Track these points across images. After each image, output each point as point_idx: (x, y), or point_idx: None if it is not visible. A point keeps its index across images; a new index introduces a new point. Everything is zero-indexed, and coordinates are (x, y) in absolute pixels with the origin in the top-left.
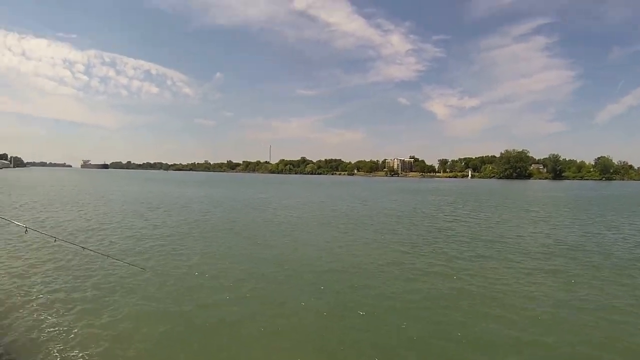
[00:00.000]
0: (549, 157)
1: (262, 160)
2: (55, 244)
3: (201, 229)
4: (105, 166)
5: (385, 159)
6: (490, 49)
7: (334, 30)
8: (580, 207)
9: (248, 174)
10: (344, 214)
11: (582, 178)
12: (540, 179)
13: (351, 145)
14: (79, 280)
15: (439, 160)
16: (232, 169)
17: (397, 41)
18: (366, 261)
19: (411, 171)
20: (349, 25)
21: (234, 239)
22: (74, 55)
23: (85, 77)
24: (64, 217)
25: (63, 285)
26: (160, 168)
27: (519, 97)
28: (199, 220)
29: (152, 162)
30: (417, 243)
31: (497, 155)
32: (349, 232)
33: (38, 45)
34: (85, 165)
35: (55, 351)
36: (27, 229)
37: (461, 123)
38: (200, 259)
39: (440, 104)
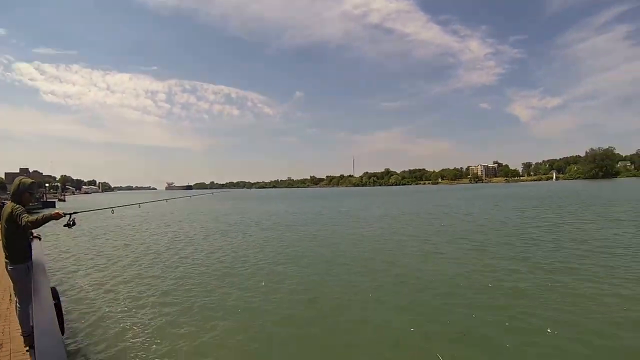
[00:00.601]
0: (637, 152)
1: (345, 175)
2: None
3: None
4: (189, 187)
5: (469, 166)
6: (570, 44)
7: (411, 40)
8: None
9: (331, 188)
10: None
11: None
12: (628, 176)
13: (435, 155)
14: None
15: (522, 164)
16: (316, 184)
17: (475, 46)
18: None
19: (495, 176)
20: (426, 34)
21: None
22: (156, 85)
23: (167, 105)
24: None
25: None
26: (243, 187)
27: (604, 92)
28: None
29: (235, 181)
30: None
31: (583, 155)
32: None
33: (121, 79)
34: (170, 187)
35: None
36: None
37: (545, 124)
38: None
39: (522, 106)
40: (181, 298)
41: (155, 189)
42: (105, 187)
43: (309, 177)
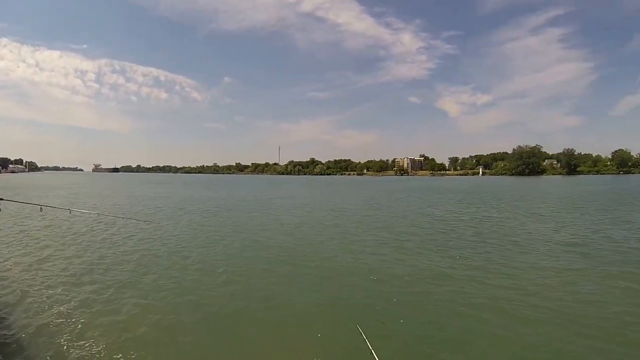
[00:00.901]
0: (563, 151)
1: (271, 162)
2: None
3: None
4: (115, 170)
5: (395, 159)
6: (503, 42)
7: (343, 30)
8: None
9: (255, 175)
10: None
11: (598, 172)
12: (553, 174)
13: (363, 146)
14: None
15: (449, 159)
16: (241, 171)
17: (407, 39)
18: (358, 260)
19: (421, 170)
20: (358, 25)
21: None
22: (86, 64)
23: (96, 85)
24: None
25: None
26: (169, 171)
27: (533, 91)
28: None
29: (161, 165)
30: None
31: (510, 152)
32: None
33: (51, 57)
34: (97, 169)
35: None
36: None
37: (474, 120)
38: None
39: (451, 102)
40: (95, 279)
41: (82, 170)
42: (32, 167)
43: (234, 164)
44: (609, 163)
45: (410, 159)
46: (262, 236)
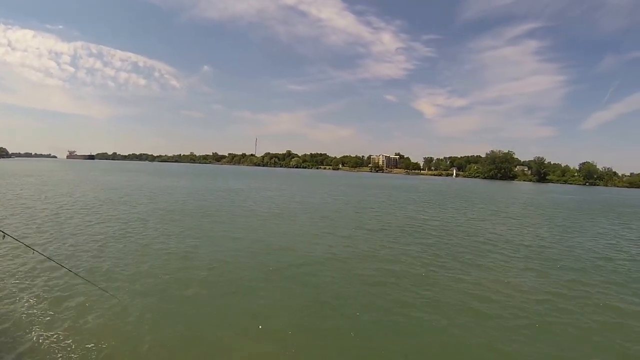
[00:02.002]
0: (534, 159)
1: (248, 153)
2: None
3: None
4: (91, 157)
5: (371, 155)
6: (481, 50)
7: (324, 26)
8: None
9: (232, 166)
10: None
11: (565, 182)
12: (524, 180)
13: (339, 141)
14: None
15: (424, 158)
16: (218, 161)
17: (387, 39)
18: (325, 252)
19: (396, 167)
20: (340, 21)
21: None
22: (61, 46)
23: (71, 69)
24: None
25: None
26: (146, 159)
27: (508, 99)
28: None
29: (137, 153)
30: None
31: (483, 155)
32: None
33: (24, 36)
34: (71, 156)
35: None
36: None
37: (449, 122)
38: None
39: (428, 103)
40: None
41: (55, 157)
42: (2, 153)
43: (211, 154)
44: (576, 174)
45: (385, 156)
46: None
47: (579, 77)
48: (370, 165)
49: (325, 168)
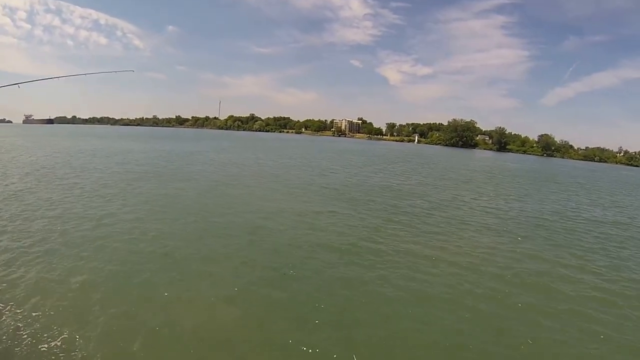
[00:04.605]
0: (495, 129)
1: (211, 116)
2: None
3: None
4: (50, 121)
5: (334, 119)
6: (449, 21)
7: None
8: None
9: (195, 129)
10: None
11: (525, 152)
12: (485, 149)
13: (304, 105)
14: None
15: (386, 124)
16: (181, 125)
17: (356, 5)
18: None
19: (358, 132)
20: None
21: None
22: (16, 1)
23: (27, 25)
24: None
25: None
26: (107, 123)
27: (473, 70)
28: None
29: (98, 117)
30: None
31: (445, 123)
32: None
33: None
34: (28, 120)
35: None
36: None
37: (413, 90)
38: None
39: (393, 70)
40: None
41: (10, 122)
42: None
43: (174, 117)
44: (535, 145)
45: (348, 121)
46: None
47: (542, 54)
48: (333, 129)
49: (288, 132)
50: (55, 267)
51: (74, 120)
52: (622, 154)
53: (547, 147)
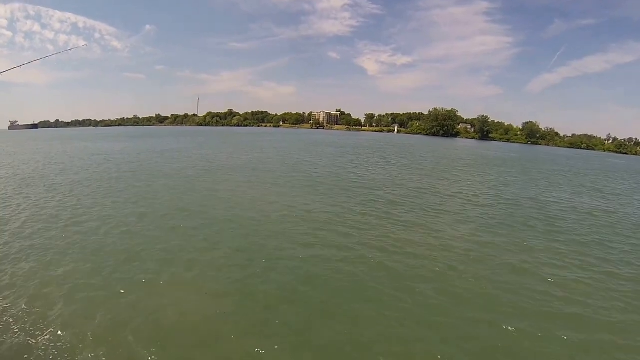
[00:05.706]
0: (478, 117)
1: (190, 114)
2: None
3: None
4: (34, 126)
5: (312, 112)
6: (429, 8)
7: None
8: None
9: (175, 127)
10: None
11: (508, 140)
12: (467, 138)
13: (282, 99)
14: None
15: (365, 115)
16: (161, 123)
17: None
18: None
19: (337, 124)
20: None
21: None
22: None
23: (9, 33)
24: None
25: None
26: (89, 125)
27: (455, 58)
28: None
29: (80, 119)
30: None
31: (426, 113)
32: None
33: None
34: (13, 126)
35: None
36: None
37: (392, 80)
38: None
39: (371, 60)
40: None
41: None
42: None
43: (154, 115)
44: (519, 133)
45: (326, 113)
46: None
47: (526, 39)
48: (311, 122)
49: (266, 125)
50: (34, 266)
51: (57, 124)
52: (610, 141)
53: (532, 135)
